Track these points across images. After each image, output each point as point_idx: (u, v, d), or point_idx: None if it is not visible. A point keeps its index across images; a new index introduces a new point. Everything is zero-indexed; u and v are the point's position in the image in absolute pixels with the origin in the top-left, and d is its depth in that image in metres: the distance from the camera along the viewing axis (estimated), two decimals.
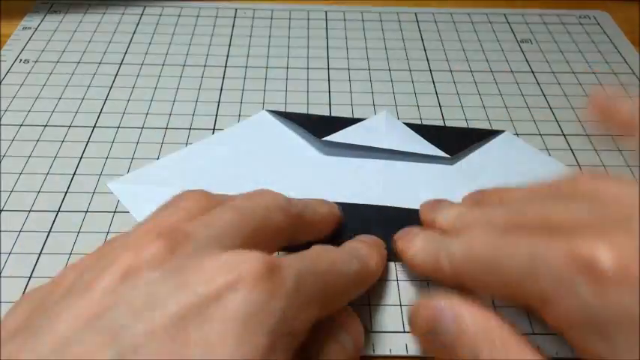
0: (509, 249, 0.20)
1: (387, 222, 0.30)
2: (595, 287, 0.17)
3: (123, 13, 0.46)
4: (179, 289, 0.17)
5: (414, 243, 0.25)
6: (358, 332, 0.22)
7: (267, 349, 0.16)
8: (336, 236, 0.28)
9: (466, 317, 0.20)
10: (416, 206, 0.30)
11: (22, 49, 0.42)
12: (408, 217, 0.30)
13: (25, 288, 0.26)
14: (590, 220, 0.19)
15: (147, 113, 0.36)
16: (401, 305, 0.26)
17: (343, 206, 0.30)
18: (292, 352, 0.18)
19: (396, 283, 0.27)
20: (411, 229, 0.26)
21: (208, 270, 0.17)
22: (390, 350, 0.24)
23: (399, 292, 0.27)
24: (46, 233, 0.29)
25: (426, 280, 0.27)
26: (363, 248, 0.25)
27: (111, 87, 0.39)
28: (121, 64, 0.41)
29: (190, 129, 0.35)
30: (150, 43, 0.43)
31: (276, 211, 0.22)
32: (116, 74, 0.40)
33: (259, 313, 0.17)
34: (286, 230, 0.23)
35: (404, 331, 0.25)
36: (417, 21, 0.47)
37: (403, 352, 0.24)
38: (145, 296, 0.17)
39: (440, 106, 0.38)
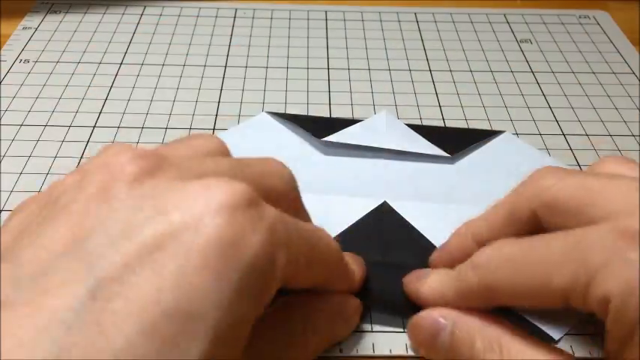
0: (542, 241, 0.21)
1: (386, 230, 0.29)
2: None
3: (123, 13, 0.46)
4: (156, 214, 0.16)
5: (426, 279, 0.25)
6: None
7: (239, 285, 0.16)
8: None
9: (461, 324, 0.22)
10: (416, 205, 0.30)
11: (22, 49, 0.42)
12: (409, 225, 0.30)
13: None
14: None
15: (147, 113, 0.36)
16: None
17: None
18: (264, 302, 0.17)
19: None
20: (419, 270, 0.26)
21: (188, 194, 0.16)
22: (391, 350, 0.24)
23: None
24: None
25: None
26: (346, 255, 0.25)
27: (111, 87, 0.39)
28: (121, 64, 0.41)
29: (190, 129, 0.35)
30: (150, 43, 0.43)
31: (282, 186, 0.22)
32: (116, 74, 0.40)
33: (237, 243, 0.16)
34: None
35: (404, 331, 0.25)
36: (417, 21, 0.47)
37: (403, 352, 0.24)
38: (122, 222, 0.16)
39: (440, 106, 0.38)
